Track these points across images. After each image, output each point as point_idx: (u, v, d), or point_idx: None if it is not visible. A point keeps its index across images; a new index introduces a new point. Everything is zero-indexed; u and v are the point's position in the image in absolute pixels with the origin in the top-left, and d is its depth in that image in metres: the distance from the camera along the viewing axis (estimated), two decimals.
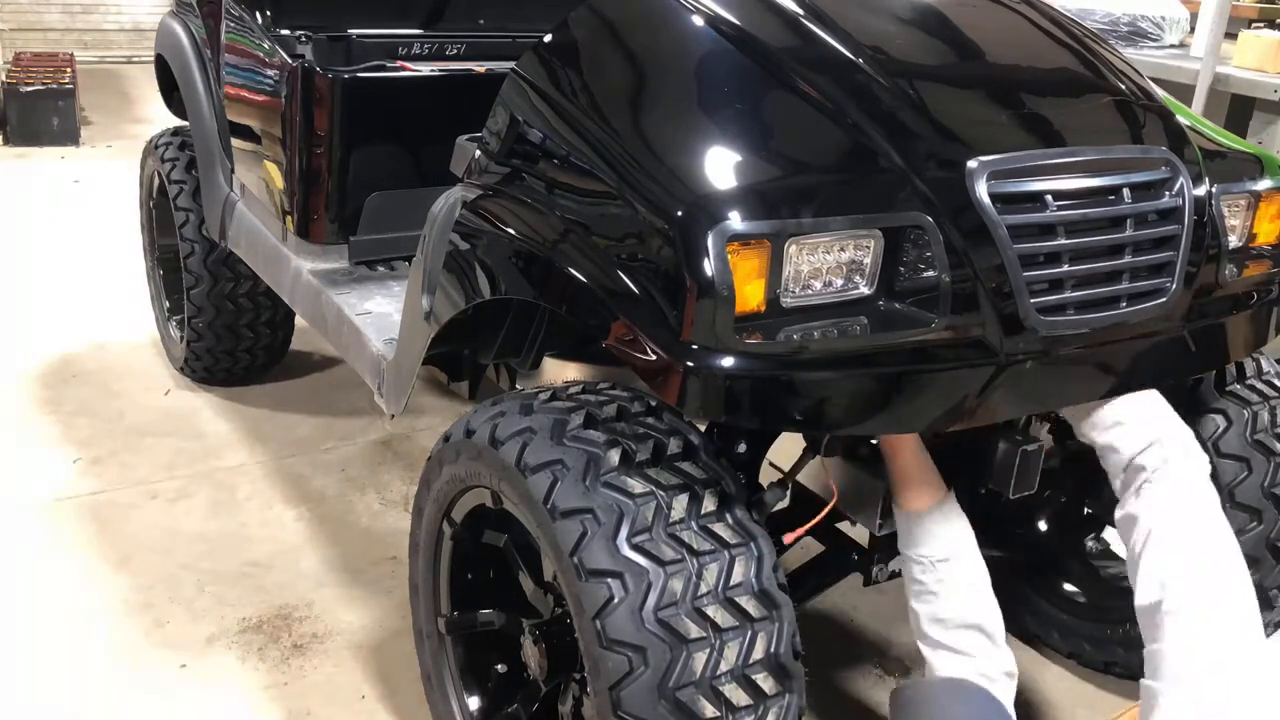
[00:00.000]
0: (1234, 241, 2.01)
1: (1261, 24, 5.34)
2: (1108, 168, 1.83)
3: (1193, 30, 4.95)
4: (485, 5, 3.31)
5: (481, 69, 2.90)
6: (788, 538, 1.91)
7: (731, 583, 1.59)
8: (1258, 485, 2.16)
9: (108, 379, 3.80)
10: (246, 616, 2.62)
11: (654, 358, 1.62)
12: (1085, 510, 2.48)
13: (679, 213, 1.60)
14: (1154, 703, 1.68)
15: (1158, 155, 1.88)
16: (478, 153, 2.06)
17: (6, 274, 4.72)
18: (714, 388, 1.58)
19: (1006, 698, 1.80)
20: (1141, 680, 1.72)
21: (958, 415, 1.72)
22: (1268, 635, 2.31)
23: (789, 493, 1.96)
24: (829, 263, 1.62)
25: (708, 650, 1.54)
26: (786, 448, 1.99)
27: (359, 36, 3.02)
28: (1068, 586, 2.57)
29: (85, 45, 9.56)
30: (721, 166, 1.69)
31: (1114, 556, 2.62)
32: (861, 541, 2.11)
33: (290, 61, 2.66)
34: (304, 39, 2.82)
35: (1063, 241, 1.73)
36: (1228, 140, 2.16)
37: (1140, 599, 1.77)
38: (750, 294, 1.57)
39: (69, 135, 6.93)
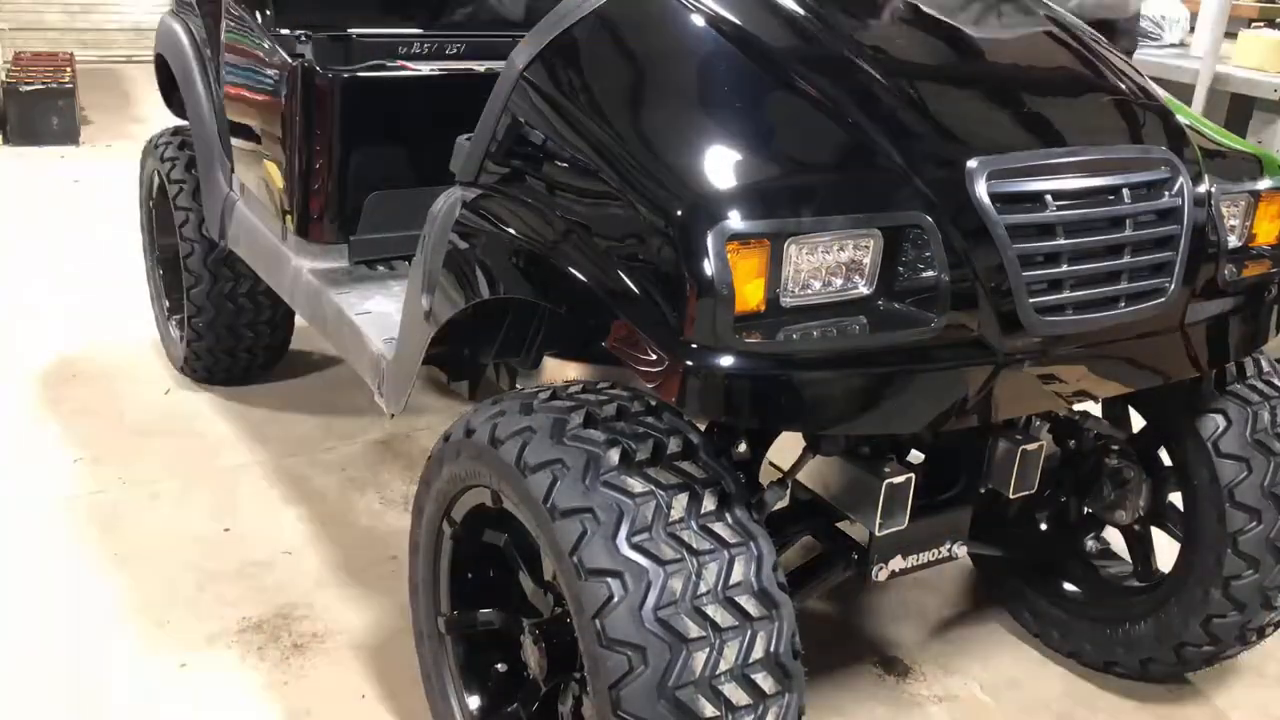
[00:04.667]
0: (1233, 241, 2.01)
1: (1261, 24, 5.35)
2: (1107, 168, 1.83)
3: (1193, 30, 4.96)
4: (485, 5, 3.31)
5: (481, 69, 2.90)
6: None
7: (731, 582, 1.59)
8: (1258, 485, 2.16)
9: (108, 379, 3.80)
10: (246, 616, 2.62)
11: (654, 357, 1.62)
12: (1085, 510, 2.48)
13: (679, 212, 1.60)
14: None
15: (1158, 155, 1.88)
16: None
17: (6, 274, 4.71)
18: (714, 387, 1.58)
19: None
20: None
21: (957, 415, 1.73)
22: (1268, 635, 2.31)
23: (789, 492, 1.96)
24: (828, 262, 1.62)
25: (707, 650, 1.54)
26: (786, 448, 1.99)
27: (359, 36, 3.02)
28: (1068, 586, 2.57)
29: (85, 45, 9.54)
30: (721, 166, 1.69)
31: (1114, 556, 2.62)
32: (861, 541, 2.11)
33: (290, 61, 2.66)
34: (304, 39, 2.82)
35: (1062, 241, 1.73)
36: (1228, 140, 2.16)
37: None
38: (750, 293, 1.57)
39: (69, 135, 6.92)
